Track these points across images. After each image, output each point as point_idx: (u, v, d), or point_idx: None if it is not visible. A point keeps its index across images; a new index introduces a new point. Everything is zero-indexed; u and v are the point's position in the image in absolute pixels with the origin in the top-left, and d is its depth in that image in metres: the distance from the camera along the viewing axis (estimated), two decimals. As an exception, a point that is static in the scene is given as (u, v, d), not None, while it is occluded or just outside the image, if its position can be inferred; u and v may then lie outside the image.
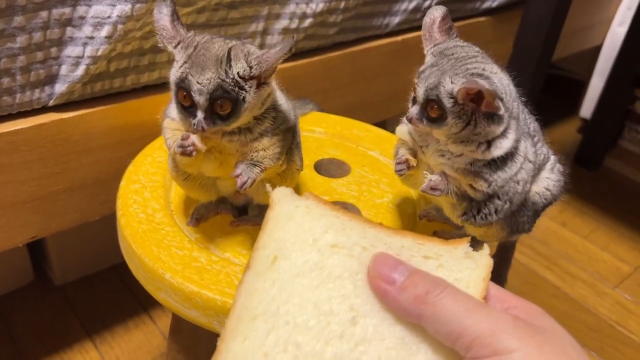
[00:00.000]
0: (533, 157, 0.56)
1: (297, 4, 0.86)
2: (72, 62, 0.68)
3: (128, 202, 0.65)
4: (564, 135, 1.71)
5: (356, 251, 0.42)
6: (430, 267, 0.42)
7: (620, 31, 1.53)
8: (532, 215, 0.59)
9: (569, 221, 1.37)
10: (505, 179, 0.53)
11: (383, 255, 0.41)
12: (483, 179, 0.53)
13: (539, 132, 0.60)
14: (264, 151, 0.55)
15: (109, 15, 0.67)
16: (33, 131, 0.69)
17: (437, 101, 0.50)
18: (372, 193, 0.72)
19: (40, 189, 0.73)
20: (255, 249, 0.43)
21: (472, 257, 0.42)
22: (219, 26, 0.80)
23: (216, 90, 0.49)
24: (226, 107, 0.51)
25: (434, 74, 0.50)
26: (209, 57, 0.50)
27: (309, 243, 0.43)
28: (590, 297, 1.16)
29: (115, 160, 0.77)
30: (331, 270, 0.41)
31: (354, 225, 0.44)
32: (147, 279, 0.59)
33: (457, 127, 0.50)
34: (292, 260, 0.42)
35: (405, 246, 0.43)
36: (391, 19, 1.02)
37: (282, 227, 0.43)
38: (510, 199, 0.55)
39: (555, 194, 0.59)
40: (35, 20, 0.64)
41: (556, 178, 0.59)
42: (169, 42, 0.52)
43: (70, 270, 1.04)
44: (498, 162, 0.53)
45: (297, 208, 0.45)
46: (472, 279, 0.41)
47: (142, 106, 0.77)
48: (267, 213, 0.45)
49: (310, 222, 0.44)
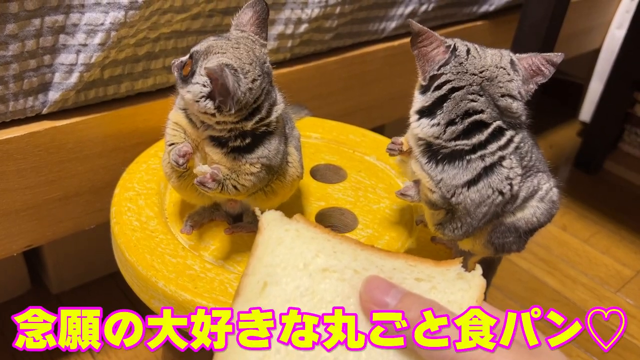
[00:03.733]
0: (504, 187, 0.53)
1: (292, 9, 0.86)
2: (66, 70, 0.68)
3: (122, 210, 0.64)
4: (564, 138, 1.70)
5: (348, 275, 0.42)
6: (423, 290, 0.41)
7: (618, 34, 1.52)
8: (518, 238, 0.58)
9: (570, 225, 1.36)
10: (451, 185, 0.53)
11: (375, 278, 0.41)
12: (429, 175, 0.53)
13: (539, 164, 0.58)
14: (236, 175, 0.55)
15: (102, 22, 0.66)
16: (27, 139, 0.69)
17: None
18: (369, 199, 0.72)
19: (34, 198, 0.73)
20: (245, 275, 0.42)
21: (465, 278, 0.42)
22: (214, 32, 0.80)
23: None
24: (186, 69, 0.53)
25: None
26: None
27: (300, 268, 0.42)
28: (591, 302, 1.15)
29: (110, 168, 0.77)
30: (323, 296, 0.41)
31: (345, 248, 0.43)
32: (141, 287, 0.58)
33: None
34: (282, 286, 0.41)
35: (397, 268, 0.43)
36: (387, 24, 1.02)
37: (272, 252, 0.43)
38: (469, 214, 0.54)
39: (542, 222, 0.58)
40: (27, 28, 0.64)
41: (545, 207, 0.58)
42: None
43: (67, 278, 1.03)
44: (443, 162, 0.53)
45: (287, 232, 0.44)
46: (465, 301, 0.40)
47: (137, 113, 0.77)
48: (257, 238, 0.44)
49: (300, 245, 0.43)
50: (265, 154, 0.55)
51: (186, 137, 0.56)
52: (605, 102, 1.51)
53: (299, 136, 0.65)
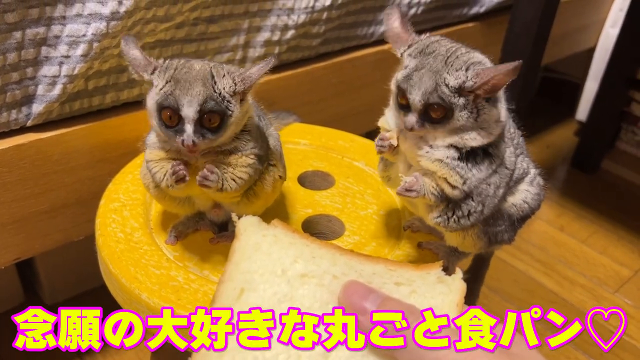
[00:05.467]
0: (511, 164, 0.55)
1: (278, 16, 0.86)
2: (49, 82, 0.68)
3: (106, 221, 0.64)
4: (561, 138, 1.69)
5: (326, 280, 0.41)
6: (403, 294, 0.41)
7: (612, 33, 1.52)
8: (510, 226, 0.58)
9: (567, 225, 1.35)
10: (479, 178, 0.52)
11: (353, 283, 0.40)
12: (459, 174, 0.52)
13: (522, 147, 0.59)
14: (233, 168, 0.55)
15: (84, 33, 0.66)
16: (11, 152, 0.68)
17: (440, 102, 0.49)
18: (357, 205, 0.71)
19: (21, 210, 0.72)
20: (221, 281, 0.42)
21: (445, 282, 0.41)
22: (199, 40, 0.80)
23: (206, 102, 0.50)
24: (215, 121, 0.51)
25: (425, 76, 0.50)
26: (193, 75, 0.51)
27: (278, 274, 0.42)
28: (589, 303, 1.14)
29: (97, 179, 0.76)
30: (301, 302, 0.40)
31: (324, 254, 0.43)
32: (125, 299, 0.58)
33: (463, 119, 0.50)
34: (260, 292, 0.41)
35: (377, 273, 0.42)
36: (376, 28, 1.02)
37: (249, 258, 0.42)
38: (482, 201, 0.54)
39: (533, 207, 0.59)
40: (9, 41, 0.64)
41: (535, 191, 0.59)
42: (143, 70, 0.53)
43: (60, 289, 1.03)
44: (475, 159, 0.52)
45: (265, 237, 0.44)
46: (445, 305, 0.40)
47: (123, 124, 0.77)
48: (233, 243, 0.44)
49: (278, 251, 0.43)
50: (254, 144, 0.56)
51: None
52: (601, 101, 1.50)
53: (278, 137, 0.64)
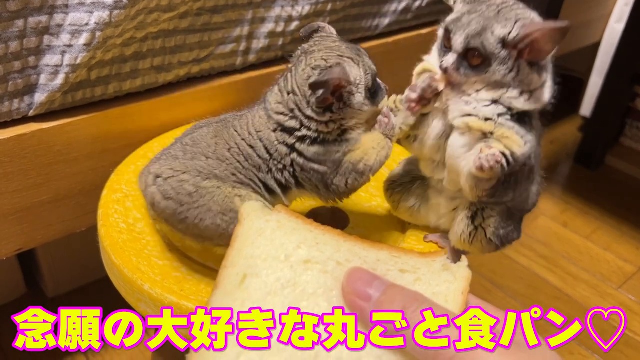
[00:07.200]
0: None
1: (282, 7, 0.85)
2: (51, 71, 0.67)
3: (109, 212, 0.63)
4: (565, 134, 1.68)
5: (330, 266, 0.41)
6: (407, 281, 0.40)
7: (618, 28, 1.51)
8: (517, 222, 0.57)
9: (570, 221, 1.34)
10: (534, 145, 0.51)
11: (357, 270, 0.40)
12: (518, 134, 0.50)
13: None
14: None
15: (87, 22, 0.66)
16: (13, 142, 0.68)
17: (481, 48, 0.48)
18: (361, 197, 0.71)
19: (23, 201, 0.72)
20: (224, 267, 0.41)
21: (450, 270, 0.41)
22: (203, 31, 0.79)
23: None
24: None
25: (474, 20, 0.49)
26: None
27: (281, 259, 0.41)
28: (593, 299, 1.13)
29: (100, 170, 0.76)
30: (305, 288, 0.40)
31: (327, 239, 0.42)
32: (127, 290, 0.57)
33: (500, 74, 0.49)
34: (263, 278, 0.40)
35: (381, 260, 0.42)
36: (381, 21, 1.01)
37: (252, 244, 0.42)
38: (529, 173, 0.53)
39: (534, 202, 0.58)
40: (11, 29, 0.63)
41: (535, 189, 0.58)
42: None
43: (63, 281, 1.03)
44: (524, 125, 0.51)
45: (268, 222, 0.43)
46: (450, 293, 0.40)
47: (126, 114, 0.76)
48: (236, 229, 0.43)
49: (282, 237, 0.42)
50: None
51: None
52: (605, 97, 1.49)
53: None
